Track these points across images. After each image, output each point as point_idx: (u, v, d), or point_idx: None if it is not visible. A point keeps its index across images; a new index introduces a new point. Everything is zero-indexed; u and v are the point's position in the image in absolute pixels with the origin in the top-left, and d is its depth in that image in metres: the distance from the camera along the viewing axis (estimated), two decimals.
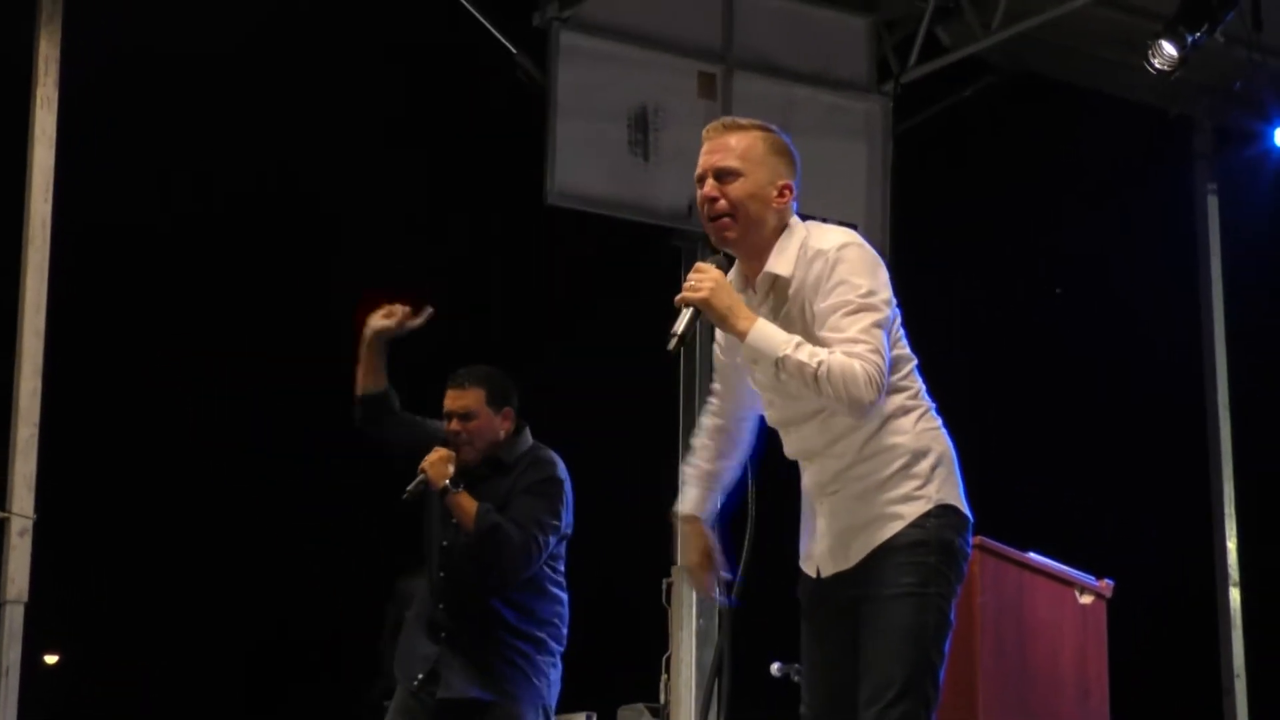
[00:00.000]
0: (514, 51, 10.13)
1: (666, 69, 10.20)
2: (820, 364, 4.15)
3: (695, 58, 10.30)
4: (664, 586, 10.14)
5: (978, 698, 5.93)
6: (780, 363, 4.20)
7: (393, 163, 13.70)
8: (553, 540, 5.95)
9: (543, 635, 5.99)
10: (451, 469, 5.86)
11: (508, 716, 5.90)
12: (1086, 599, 6.32)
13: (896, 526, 4.32)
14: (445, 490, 5.83)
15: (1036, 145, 12.13)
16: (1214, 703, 11.24)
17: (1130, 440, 12.57)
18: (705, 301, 4.29)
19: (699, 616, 9.89)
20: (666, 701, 9.92)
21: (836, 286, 4.26)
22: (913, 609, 4.26)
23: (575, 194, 9.91)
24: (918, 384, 4.45)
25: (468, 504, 5.82)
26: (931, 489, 4.35)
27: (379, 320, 6.12)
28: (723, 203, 4.38)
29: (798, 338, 4.23)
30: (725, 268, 4.44)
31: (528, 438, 6.12)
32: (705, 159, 4.44)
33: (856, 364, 4.15)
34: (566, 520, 6.05)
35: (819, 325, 4.27)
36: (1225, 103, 11.59)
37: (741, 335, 4.27)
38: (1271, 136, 11.46)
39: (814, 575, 4.49)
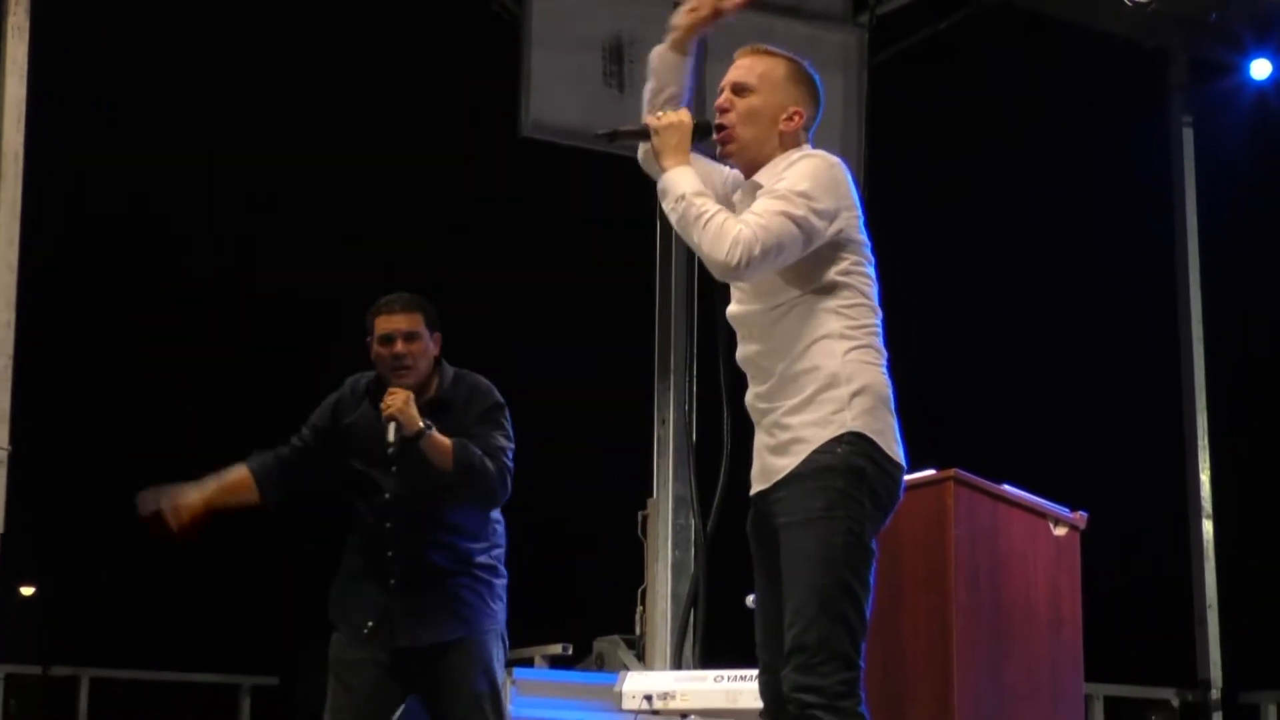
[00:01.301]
0: None
1: None
2: (704, 213, 4.30)
3: None
4: (639, 519, 10.16)
5: (952, 629, 5.96)
6: (680, 199, 4.34)
7: (366, 95, 13.64)
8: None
9: (492, 560, 5.97)
10: (414, 408, 5.71)
11: (475, 648, 5.87)
12: (1060, 531, 6.35)
13: (806, 450, 4.34)
14: (420, 433, 5.68)
15: (1012, 78, 12.11)
16: (1186, 634, 11.31)
17: (1104, 372, 12.62)
18: (656, 129, 4.46)
19: (674, 548, 9.91)
20: (642, 633, 9.96)
21: (778, 183, 4.36)
22: (822, 532, 4.26)
23: (551, 125, 9.88)
24: (866, 320, 4.45)
25: (444, 442, 5.72)
26: (847, 416, 4.34)
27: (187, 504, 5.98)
28: (731, 114, 4.53)
29: (710, 193, 4.38)
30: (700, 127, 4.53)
31: (447, 365, 6.04)
32: (728, 75, 4.60)
33: (735, 227, 4.26)
34: None
35: None
36: (1201, 35, 11.57)
37: (662, 170, 4.42)
38: (1247, 69, 11.45)
39: (751, 495, 4.54)
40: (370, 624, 5.87)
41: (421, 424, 5.68)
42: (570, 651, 9.67)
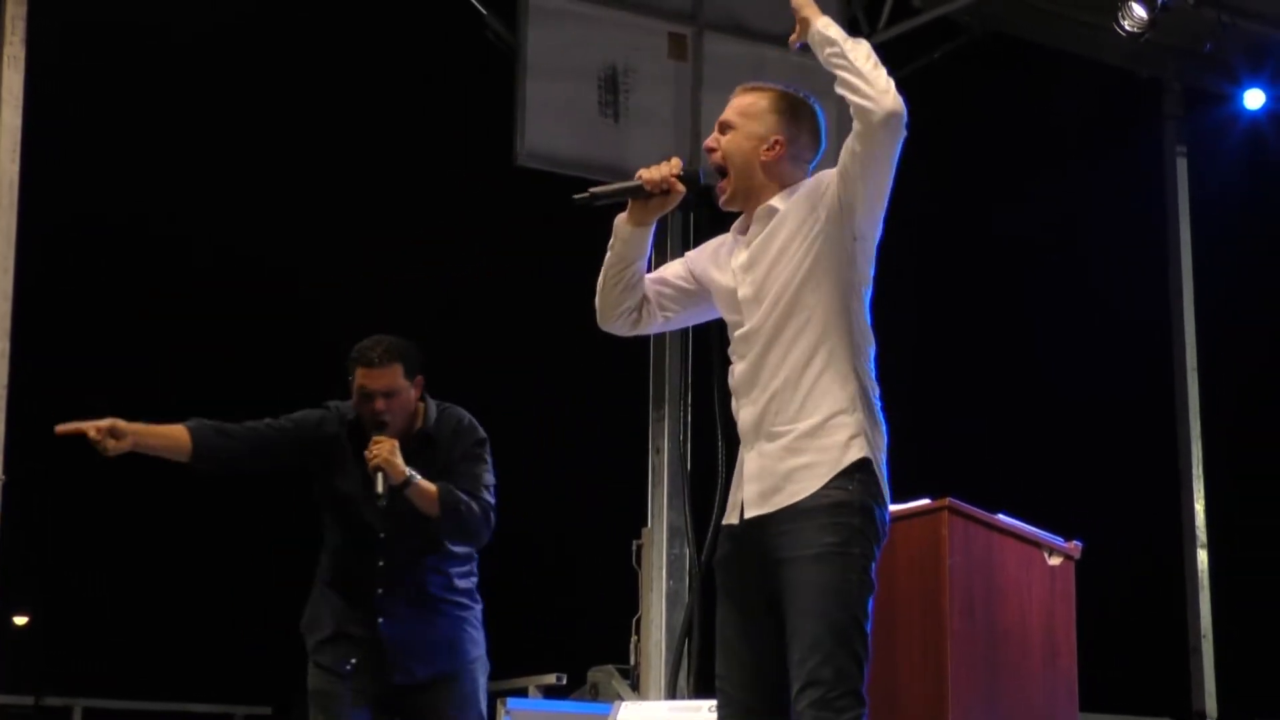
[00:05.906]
0: (483, 11, 10.09)
1: (637, 29, 10.18)
2: (872, 57, 4.60)
3: (666, 18, 10.28)
4: (634, 549, 10.16)
5: (946, 658, 5.95)
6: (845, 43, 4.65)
7: (360, 124, 13.65)
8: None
9: (470, 585, 5.98)
10: (400, 457, 5.71)
11: (470, 681, 5.88)
12: (1055, 560, 6.34)
13: (820, 480, 4.31)
14: (407, 482, 5.69)
15: (1007, 107, 12.13)
16: (1181, 663, 11.30)
17: (1099, 402, 12.62)
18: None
19: (669, 578, 9.91)
20: (636, 663, 9.95)
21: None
22: (837, 568, 4.27)
23: (545, 155, 9.89)
24: (869, 364, 4.48)
25: (429, 489, 5.72)
26: (861, 444, 4.35)
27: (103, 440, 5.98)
28: (717, 154, 4.65)
29: None
30: None
31: (431, 402, 6.04)
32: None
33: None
34: None
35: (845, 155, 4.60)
36: (1195, 65, 11.61)
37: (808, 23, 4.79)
38: (1240, 99, 11.50)
39: (736, 522, 4.46)
40: (354, 661, 5.84)
41: (407, 473, 5.68)
42: (565, 681, 9.65)
